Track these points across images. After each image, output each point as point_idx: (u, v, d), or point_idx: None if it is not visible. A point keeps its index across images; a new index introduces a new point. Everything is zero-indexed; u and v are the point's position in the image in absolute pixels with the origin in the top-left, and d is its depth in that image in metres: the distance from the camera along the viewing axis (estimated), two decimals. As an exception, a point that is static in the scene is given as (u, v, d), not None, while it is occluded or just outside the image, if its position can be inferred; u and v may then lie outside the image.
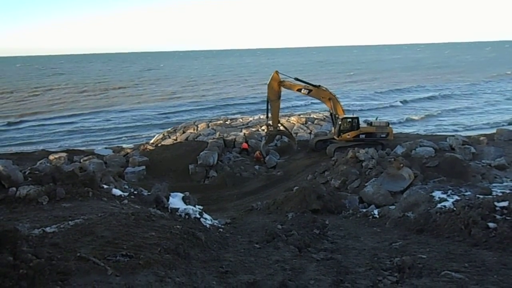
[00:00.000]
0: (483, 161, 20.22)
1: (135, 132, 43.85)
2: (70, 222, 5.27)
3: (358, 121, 25.37)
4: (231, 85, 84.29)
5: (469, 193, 10.94)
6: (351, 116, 26.06)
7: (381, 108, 52.96)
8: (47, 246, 4.31)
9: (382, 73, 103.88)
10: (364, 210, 12.74)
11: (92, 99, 67.88)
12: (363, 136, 25.05)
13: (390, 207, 11.82)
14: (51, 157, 25.73)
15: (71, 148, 31.96)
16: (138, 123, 48.26)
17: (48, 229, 4.91)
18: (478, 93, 66.35)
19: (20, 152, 30.90)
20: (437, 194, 10.56)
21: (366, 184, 16.78)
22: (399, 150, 21.68)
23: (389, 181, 16.31)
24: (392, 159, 18.59)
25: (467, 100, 59.99)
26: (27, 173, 8.95)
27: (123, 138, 41.26)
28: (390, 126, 25.90)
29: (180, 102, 63.32)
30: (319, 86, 25.87)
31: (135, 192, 8.88)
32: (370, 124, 25.59)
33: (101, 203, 7.01)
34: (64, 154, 26.35)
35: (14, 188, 7.28)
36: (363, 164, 19.10)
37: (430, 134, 32.02)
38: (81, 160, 24.59)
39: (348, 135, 25.02)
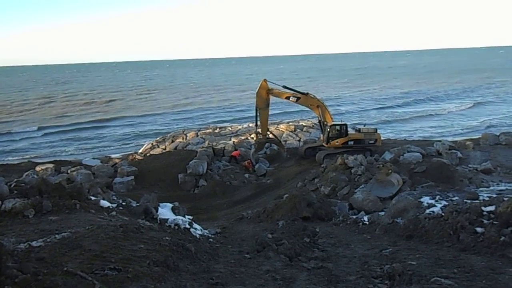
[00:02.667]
0: (469, 165, 20.52)
1: (124, 142, 43.44)
2: (56, 235, 5.17)
3: (346, 127, 25.56)
4: (222, 93, 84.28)
5: (456, 198, 11.08)
6: (339, 123, 26.25)
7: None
8: (33, 261, 4.21)
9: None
10: (354, 216, 12.78)
11: (92, 109, 67.03)
12: (352, 142, 25.21)
13: (380, 213, 11.89)
14: (37, 168, 25.30)
15: (58, 159, 31.45)
16: (127, 133, 47.85)
17: (34, 243, 4.81)
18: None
19: (5, 163, 30.33)
20: (426, 200, 10.67)
21: (355, 191, 16.85)
22: (388, 156, 21.85)
23: (378, 187, 16.43)
24: (381, 165, 18.74)
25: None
26: (12, 185, 8.78)
27: (112, 148, 40.84)
28: (378, 132, 26.15)
29: (173, 110, 63.16)
30: (307, 93, 26.05)
31: (124, 203, 8.77)
32: (358, 130, 25.79)
33: (88, 215, 6.91)
34: (51, 165, 25.92)
35: (0, 202, 7.14)
36: (352, 170, 19.19)
37: (417, 139, 32.37)
38: (69, 171, 24.22)
39: (337, 142, 25.16)
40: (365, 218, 11.44)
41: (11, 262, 3.90)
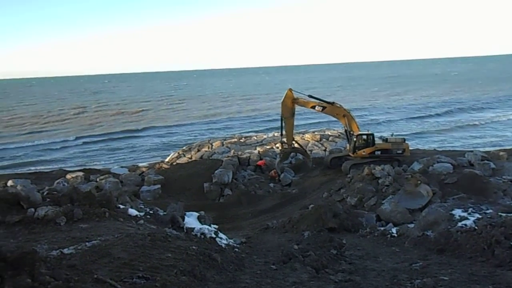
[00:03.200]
0: (503, 177, 19.70)
1: (153, 153, 44.23)
2: (87, 243, 5.30)
3: (373, 137, 25.14)
4: (250, 103, 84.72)
5: (490, 210, 10.69)
6: (366, 132, 25.85)
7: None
8: (65, 268, 4.32)
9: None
10: (382, 228, 12.51)
11: (123, 119, 68.62)
12: (379, 152, 24.77)
13: (409, 225, 11.60)
14: (68, 176, 26.08)
15: (87, 167, 32.35)
16: (157, 143, 48.73)
17: (65, 251, 4.94)
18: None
19: (38, 171, 31.44)
20: (457, 212, 10.34)
21: (383, 202, 16.52)
22: (416, 166, 21.30)
23: (407, 198, 16.03)
24: (409, 176, 18.29)
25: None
26: (45, 193, 9.08)
27: (141, 157, 41.65)
28: (406, 142, 25.60)
29: (202, 120, 63.95)
30: (333, 103, 25.85)
31: (151, 212, 8.91)
32: (385, 140, 25.33)
33: (117, 223, 7.05)
34: (80, 174, 26.67)
35: (33, 209, 7.38)
36: (380, 181, 18.85)
37: (447, 149, 31.45)
38: (98, 179, 24.86)
39: (364, 151, 24.77)
40: (394, 230, 11.19)
41: (44, 268, 4.02)
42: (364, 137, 25.07)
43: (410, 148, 26.04)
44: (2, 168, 37.54)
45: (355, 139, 24.97)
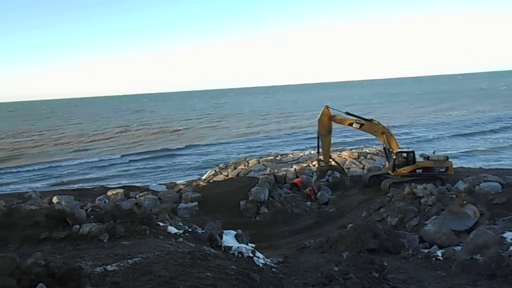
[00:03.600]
0: (559, 197, 18.41)
1: (191, 171, 45.07)
2: (129, 260, 5.41)
3: (414, 155, 24.36)
4: (288, 120, 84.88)
5: (545, 234, 9.94)
6: (406, 149, 25.11)
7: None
8: (108, 285, 4.42)
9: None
10: (426, 250, 11.93)
11: (164, 137, 70.50)
12: (420, 170, 23.94)
13: (455, 248, 11.01)
14: (109, 193, 26.99)
15: (127, 185, 33.37)
16: (197, 161, 49.65)
17: (109, 267, 5.07)
18: None
19: (80, 188, 32.78)
20: (509, 235, 9.68)
21: (426, 222, 15.80)
22: (461, 185, 20.35)
23: (452, 219, 15.25)
24: (454, 195, 17.46)
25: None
26: (89, 210, 9.43)
27: (180, 175, 42.48)
28: (450, 160, 24.59)
29: (242, 138, 64.71)
30: (372, 120, 25.39)
31: (189, 230, 9.00)
32: (427, 158, 24.47)
33: (157, 241, 7.17)
34: (121, 190, 27.54)
35: (78, 226, 7.68)
36: (422, 200, 18.12)
37: (494, 168, 29.89)
38: (137, 196, 25.51)
39: (404, 169, 24.03)
40: (439, 253, 10.64)
41: (89, 284, 4.13)
42: (404, 154, 24.35)
43: (454, 166, 24.97)
44: (51, 185, 39.50)
45: (394, 156, 24.30)
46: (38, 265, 4.30)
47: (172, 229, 8.30)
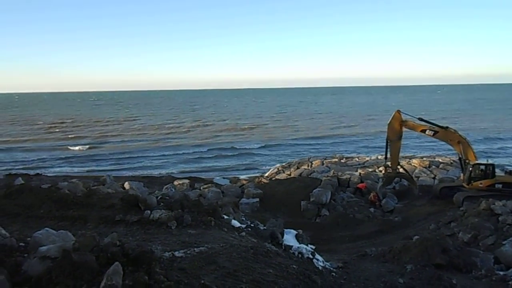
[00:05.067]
0: None
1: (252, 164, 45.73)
2: (195, 248, 5.64)
3: (493, 168, 22.52)
4: (351, 123, 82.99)
5: None
6: (485, 162, 23.29)
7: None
8: (176, 270, 4.64)
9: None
10: (502, 273, 10.97)
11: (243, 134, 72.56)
12: (500, 186, 22.06)
13: (537, 274, 9.99)
14: (175, 182, 28.28)
15: (193, 176, 34.72)
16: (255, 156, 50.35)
17: (176, 253, 5.33)
18: None
19: (150, 175, 34.72)
20: None
21: (503, 242, 14.52)
22: (548, 205, 18.41)
23: (534, 242, 13.87)
24: (539, 216, 15.88)
25: None
26: (159, 197, 9.97)
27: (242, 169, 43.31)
28: (536, 177, 22.40)
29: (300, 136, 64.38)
30: (447, 127, 23.86)
31: (252, 225, 9.16)
32: (509, 173, 22.52)
33: (222, 233, 7.39)
34: (186, 181, 28.74)
35: (149, 211, 8.16)
36: (500, 218, 16.68)
37: None
38: (201, 188, 26.46)
39: (481, 183, 22.30)
40: (517, 277, 9.74)
41: (159, 268, 4.37)
42: (483, 167, 22.62)
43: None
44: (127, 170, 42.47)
45: (471, 168, 22.65)
46: (114, 245, 4.63)
47: (235, 223, 8.51)
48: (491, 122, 74.45)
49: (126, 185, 24.69)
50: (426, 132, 24.01)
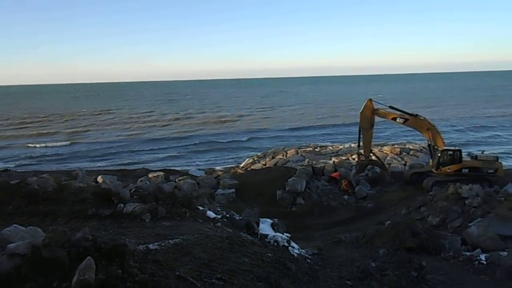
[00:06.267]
0: None
1: (227, 155, 45.53)
2: (170, 241, 5.61)
3: (460, 153, 23.32)
4: (324, 112, 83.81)
5: None
6: (452, 148, 24.10)
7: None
8: (150, 263, 4.61)
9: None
10: (468, 253, 11.45)
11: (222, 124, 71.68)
12: (466, 170, 22.92)
13: (501, 253, 10.49)
14: (150, 175, 27.92)
15: (168, 168, 34.32)
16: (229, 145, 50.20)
17: (151, 246, 5.28)
18: None
19: (124, 169, 34.10)
20: (562, 244, 9.12)
21: (469, 224, 15.15)
22: (511, 188, 19.30)
23: (499, 223, 14.55)
24: (503, 198, 16.62)
25: None
26: (132, 190, 9.82)
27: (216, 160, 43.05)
28: (500, 161, 23.34)
29: (272, 126, 64.56)
30: (417, 115, 24.49)
31: (227, 216, 9.18)
32: (475, 157, 23.36)
33: (197, 224, 7.38)
34: (161, 173, 28.43)
35: (122, 205, 8.03)
36: (467, 201, 17.34)
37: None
38: (176, 180, 26.24)
39: (449, 168, 23.09)
40: (482, 257, 10.20)
41: (132, 261, 4.32)
42: (450, 153, 23.39)
43: (504, 168, 23.70)
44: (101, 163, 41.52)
45: (439, 154, 23.39)
46: (86, 240, 4.55)
47: (210, 214, 8.51)
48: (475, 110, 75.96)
49: (99, 179, 24.18)
50: (397, 120, 24.56)
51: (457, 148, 24.09)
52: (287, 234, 9.93)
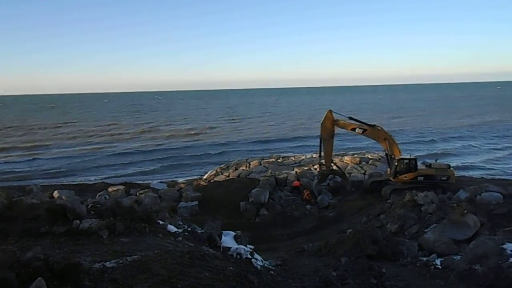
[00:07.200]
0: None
1: (190, 168, 44.90)
2: (128, 258, 5.42)
3: (416, 162, 24.34)
4: (285, 123, 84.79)
5: (546, 246, 9.89)
6: (408, 157, 25.08)
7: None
8: (107, 281, 4.43)
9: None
10: (425, 259, 11.89)
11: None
12: (422, 178, 23.91)
13: (454, 257, 10.97)
14: (110, 189, 27.03)
15: (128, 181, 33.33)
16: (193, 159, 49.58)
17: (107, 264, 5.07)
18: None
19: (81, 183, 32.80)
20: (509, 247, 9.63)
21: (425, 230, 15.74)
22: (462, 195, 20.24)
23: (452, 228, 15.19)
24: (455, 204, 17.39)
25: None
26: (89, 206, 9.43)
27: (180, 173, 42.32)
28: (452, 168, 24.54)
29: (236, 138, 64.55)
30: (374, 125, 25.36)
31: (189, 229, 9.01)
32: (429, 166, 24.42)
33: (157, 239, 7.18)
34: (121, 187, 27.59)
35: (78, 221, 7.68)
36: (422, 208, 18.03)
37: (497, 178, 29.76)
38: (137, 193, 25.54)
39: (405, 176, 24.00)
40: (438, 262, 10.62)
41: (87, 280, 4.14)
42: (406, 161, 24.33)
43: (456, 175, 24.92)
44: (53, 178, 39.57)
45: (396, 163, 24.28)
46: (37, 259, 4.32)
47: (171, 228, 8.31)
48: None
49: (55, 194, 23.10)
50: (356, 130, 25.32)
51: (412, 157, 25.10)
52: (251, 246, 9.88)
